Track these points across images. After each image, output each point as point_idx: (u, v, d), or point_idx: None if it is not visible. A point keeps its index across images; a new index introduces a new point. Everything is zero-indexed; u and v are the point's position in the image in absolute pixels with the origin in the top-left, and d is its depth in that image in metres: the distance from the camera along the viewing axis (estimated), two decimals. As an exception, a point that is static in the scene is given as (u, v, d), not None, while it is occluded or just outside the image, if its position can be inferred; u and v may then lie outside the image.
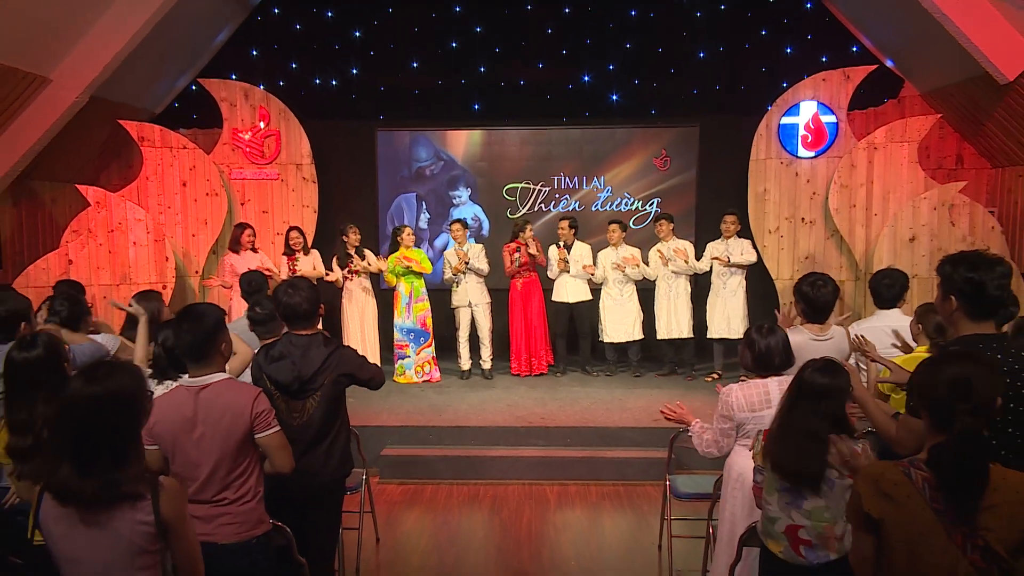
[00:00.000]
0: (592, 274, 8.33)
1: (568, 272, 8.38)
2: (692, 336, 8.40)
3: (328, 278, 8.22)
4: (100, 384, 2.22)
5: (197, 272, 8.59)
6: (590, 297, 8.52)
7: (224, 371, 3.16)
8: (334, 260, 8.30)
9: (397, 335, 8.32)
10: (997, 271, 2.81)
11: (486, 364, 8.54)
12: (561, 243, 8.45)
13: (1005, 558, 2.02)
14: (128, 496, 2.20)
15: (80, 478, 2.15)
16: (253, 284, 5.38)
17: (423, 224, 9.79)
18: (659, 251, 8.29)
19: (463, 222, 8.49)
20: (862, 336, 4.13)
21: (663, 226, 8.34)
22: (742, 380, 3.75)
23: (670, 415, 4.02)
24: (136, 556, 2.17)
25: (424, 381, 8.30)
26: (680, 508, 4.85)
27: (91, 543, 2.18)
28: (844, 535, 2.97)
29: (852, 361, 4.47)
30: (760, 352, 3.61)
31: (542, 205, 9.67)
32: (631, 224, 9.34)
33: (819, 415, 2.94)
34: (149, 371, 3.58)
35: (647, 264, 8.38)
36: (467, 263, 8.20)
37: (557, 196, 9.66)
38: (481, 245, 8.46)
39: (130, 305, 4.29)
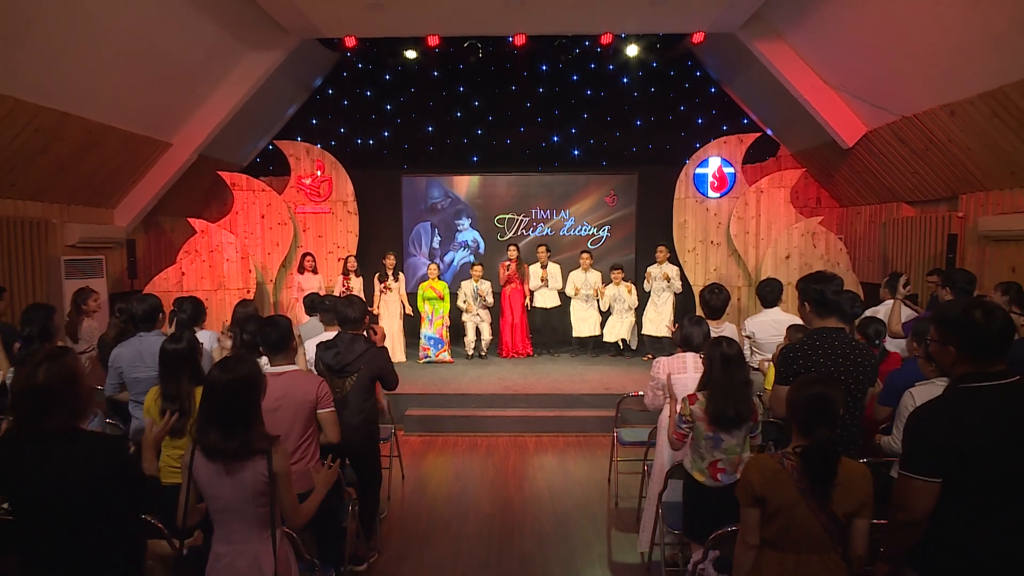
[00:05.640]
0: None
1: (546, 287, 8.45)
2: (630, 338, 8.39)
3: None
4: (232, 372, 2.22)
5: (271, 281, 8.65)
6: (559, 303, 8.58)
7: (295, 364, 3.20)
8: (375, 277, 8.24)
9: (423, 341, 8.28)
10: (833, 283, 2.98)
11: (483, 351, 8.57)
12: (539, 264, 8.50)
13: (842, 520, 2.13)
14: (257, 451, 2.21)
15: (225, 440, 2.19)
16: (315, 304, 5.21)
17: (435, 245, 9.76)
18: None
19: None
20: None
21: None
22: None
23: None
24: (257, 496, 2.22)
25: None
26: (623, 452, 4.97)
27: (227, 486, 2.21)
28: (745, 462, 3.09)
29: (747, 348, 4.67)
30: (687, 335, 3.70)
31: (523, 231, 9.69)
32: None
33: (741, 371, 3.06)
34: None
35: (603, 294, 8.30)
36: (483, 303, 8.33)
37: (534, 224, 9.68)
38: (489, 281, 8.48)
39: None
